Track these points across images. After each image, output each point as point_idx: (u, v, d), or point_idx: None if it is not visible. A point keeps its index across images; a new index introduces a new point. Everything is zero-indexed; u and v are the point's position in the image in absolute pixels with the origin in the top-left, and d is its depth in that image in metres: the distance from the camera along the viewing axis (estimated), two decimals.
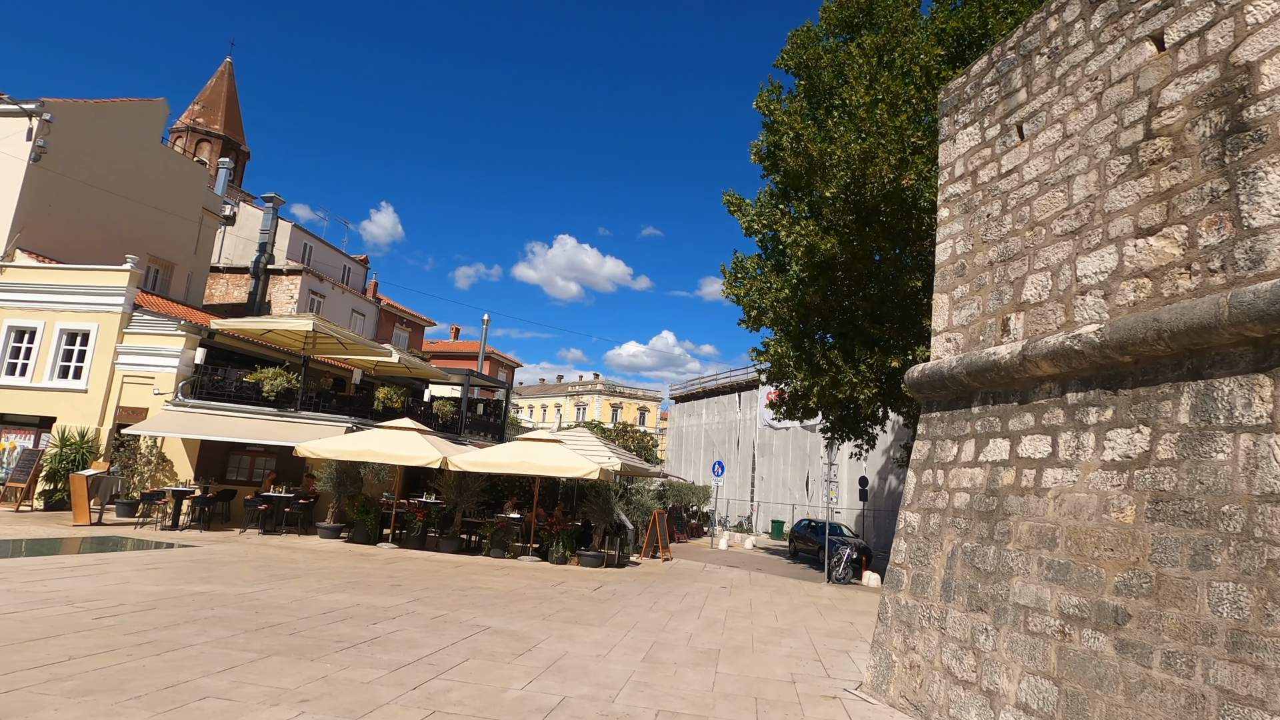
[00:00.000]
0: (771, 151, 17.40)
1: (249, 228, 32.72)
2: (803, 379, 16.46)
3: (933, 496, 6.39)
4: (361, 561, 12.72)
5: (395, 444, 14.75)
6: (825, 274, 15.86)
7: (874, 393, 15.15)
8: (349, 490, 16.41)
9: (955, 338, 6.71)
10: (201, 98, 48.71)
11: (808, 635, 9.27)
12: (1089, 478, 4.77)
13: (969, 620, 5.46)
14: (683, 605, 11.03)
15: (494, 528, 15.27)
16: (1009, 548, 5.28)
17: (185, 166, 25.26)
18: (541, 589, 11.37)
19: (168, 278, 24.76)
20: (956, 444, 6.31)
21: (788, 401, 18.90)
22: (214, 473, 18.51)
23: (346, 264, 36.45)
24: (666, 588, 13.04)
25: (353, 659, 6.03)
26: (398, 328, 39.61)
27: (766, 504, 37.52)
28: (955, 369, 6.27)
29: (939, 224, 7.28)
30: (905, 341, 15.23)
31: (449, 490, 15.57)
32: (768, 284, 17.55)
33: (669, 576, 14.93)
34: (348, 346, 21.55)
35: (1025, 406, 5.59)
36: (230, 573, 10.11)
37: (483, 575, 12.36)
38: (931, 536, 6.22)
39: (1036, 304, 5.73)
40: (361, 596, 9.13)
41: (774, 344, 17.51)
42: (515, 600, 10.00)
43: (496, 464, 14.51)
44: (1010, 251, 6.15)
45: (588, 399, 74.96)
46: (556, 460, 14.40)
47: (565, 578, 13.03)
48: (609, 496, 15.20)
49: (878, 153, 13.09)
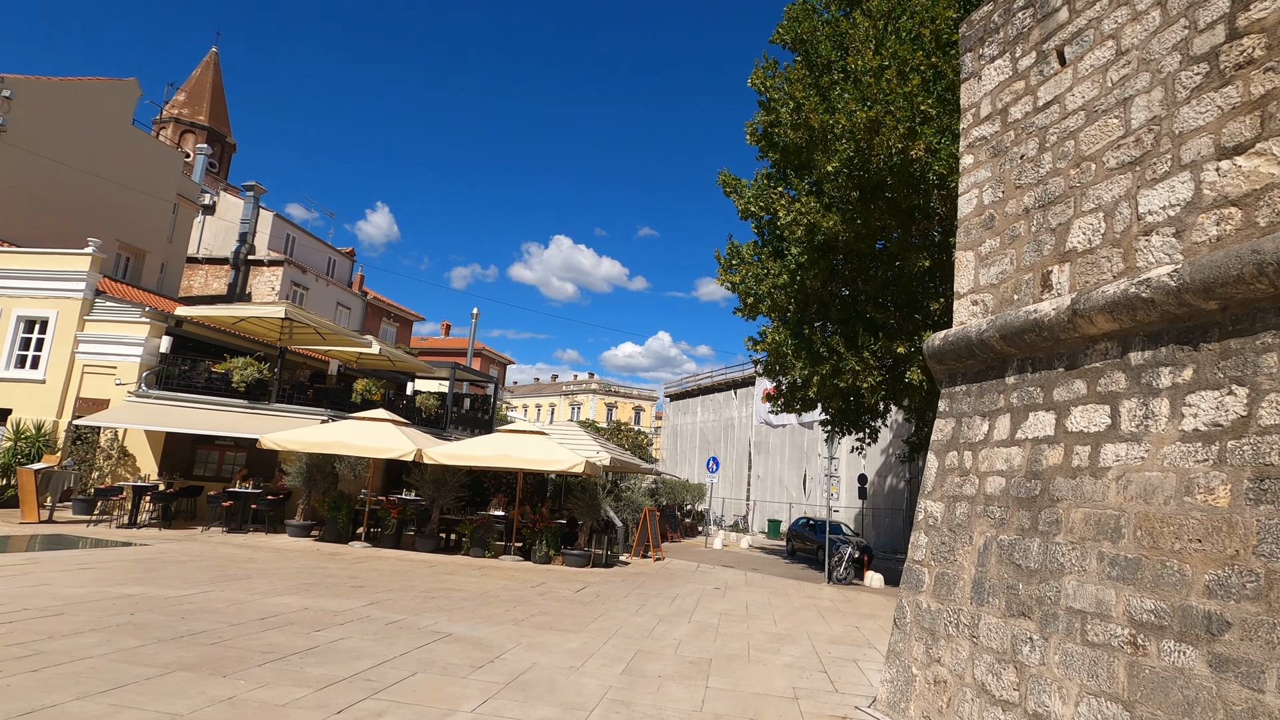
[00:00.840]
0: (768, 131, 16.50)
1: (230, 218, 31.69)
2: (802, 368, 15.56)
3: (959, 482, 5.48)
4: (327, 561, 11.76)
5: (367, 435, 13.80)
6: (826, 256, 14.97)
7: (877, 381, 14.26)
8: (320, 486, 15.44)
9: (983, 299, 5.80)
10: (186, 88, 47.64)
11: (809, 642, 8.35)
12: (1163, 453, 3.87)
13: (1009, 627, 4.55)
14: (672, 608, 10.11)
15: (473, 525, 14.32)
16: (1058, 540, 4.37)
17: (159, 150, 24.24)
18: (519, 590, 10.43)
19: (139, 266, 23.74)
20: (987, 420, 5.40)
21: (785, 393, 17.99)
22: (179, 468, 17.51)
23: (332, 256, 35.43)
24: (656, 589, 12.12)
25: (275, 674, 5.09)
26: (385, 322, 38.61)
27: (763, 502, 36.64)
28: (985, 333, 5.36)
29: (962, 173, 6.37)
30: (911, 326, 14.34)
31: (425, 485, 14.61)
32: (765, 270, 16.66)
33: (659, 577, 14.00)
34: (326, 337, 20.58)
35: (1075, 372, 4.68)
36: (173, 574, 9.15)
37: (456, 576, 11.41)
38: (958, 528, 5.31)
39: (1086, 251, 4.83)
40: (313, 599, 8.18)
41: (771, 332, 16.60)
42: (487, 603, 9.06)
43: (474, 456, 13.56)
44: (1050, 195, 5.25)
45: (582, 398, 74.15)
46: (540, 453, 13.46)
47: (547, 578, 12.10)
48: (596, 492, 14.27)
49: (885, 121, 12.20)
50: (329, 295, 33.71)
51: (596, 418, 68.54)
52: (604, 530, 14.89)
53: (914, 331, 14.21)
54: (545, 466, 13.32)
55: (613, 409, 72.44)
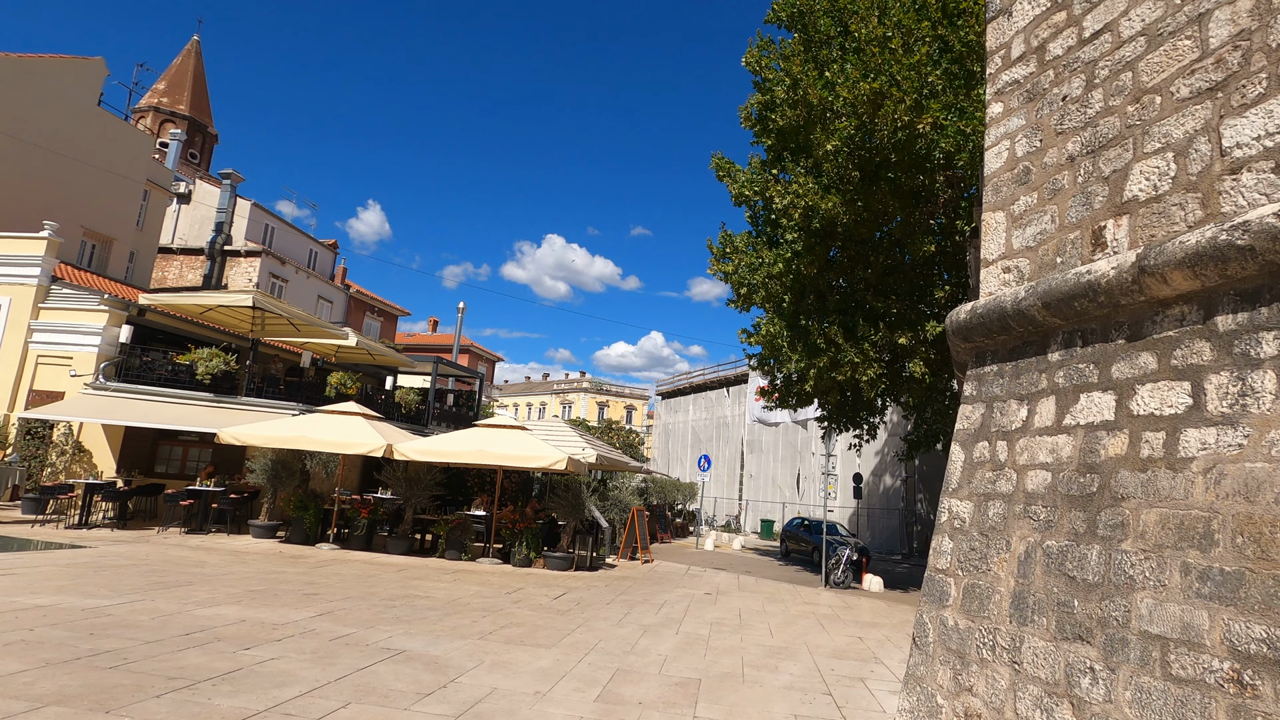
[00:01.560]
0: (763, 114, 15.69)
1: (206, 207, 30.63)
2: (798, 360, 14.75)
3: (991, 478, 4.67)
4: (286, 565, 10.85)
5: (334, 430, 12.88)
6: (824, 242, 14.17)
7: (878, 374, 13.46)
8: (287, 484, 14.50)
9: (1018, 265, 4.99)
10: (166, 77, 46.44)
11: (810, 656, 7.53)
12: (1270, 439, 3.06)
13: (1061, 654, 3.73)
14: (659, 617, 9.26)
15: (449, 526, 13.43)
16: (1125, 548, 3.56)
17: (127, 134, 23.17)
18: (492, 597, 9.56)
19: (105, 254, 22.68)
20: (1025, 405, 4.59)
21: (780, 388, 17.19)
22: (140, 465, 16.53)
23: (313, 248, 34.40)
24: (642, 595, 11.27)
25: (172, 709, 4.22)
26: (369, 316, 37.61)
27: (755, 502, 35.86)
28: (1024, 302, 4.55)
29: (989, 124, 5.56)
30: (914, 315, 13.55)
31: (397, 483, 13.71)
32: (759, 259, 15.85)
33: (647, 581, 13.16)
34: (300, 328, 19.64)
35: (1140, 344, 3.87)
36: (104, 581, 8.23)
37: (426, 580, 10.53)
38: (992, 532, 4.50)
39: (1151, 200, 4.02)
40: (255, 610, 7.29)
41: (766, 323, 15.79)
42: (453, 612, 8.19)
43: (448, 452, 12.67)
44: (1102, 138, 4.44)
45: (574, 397, 73.38)
46: (519, 449, 12.59)
47: (525, 583, 11.23)
48: (580, 491, 13.42)
49: (890, 93, 11.40)
50: (310, 288, 32.70)
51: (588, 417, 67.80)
52: (588, 531, 14.04)
53: (917, 321, 13.44)
54: (524, 463, 12.45)
55: (604, 408, 71.73)
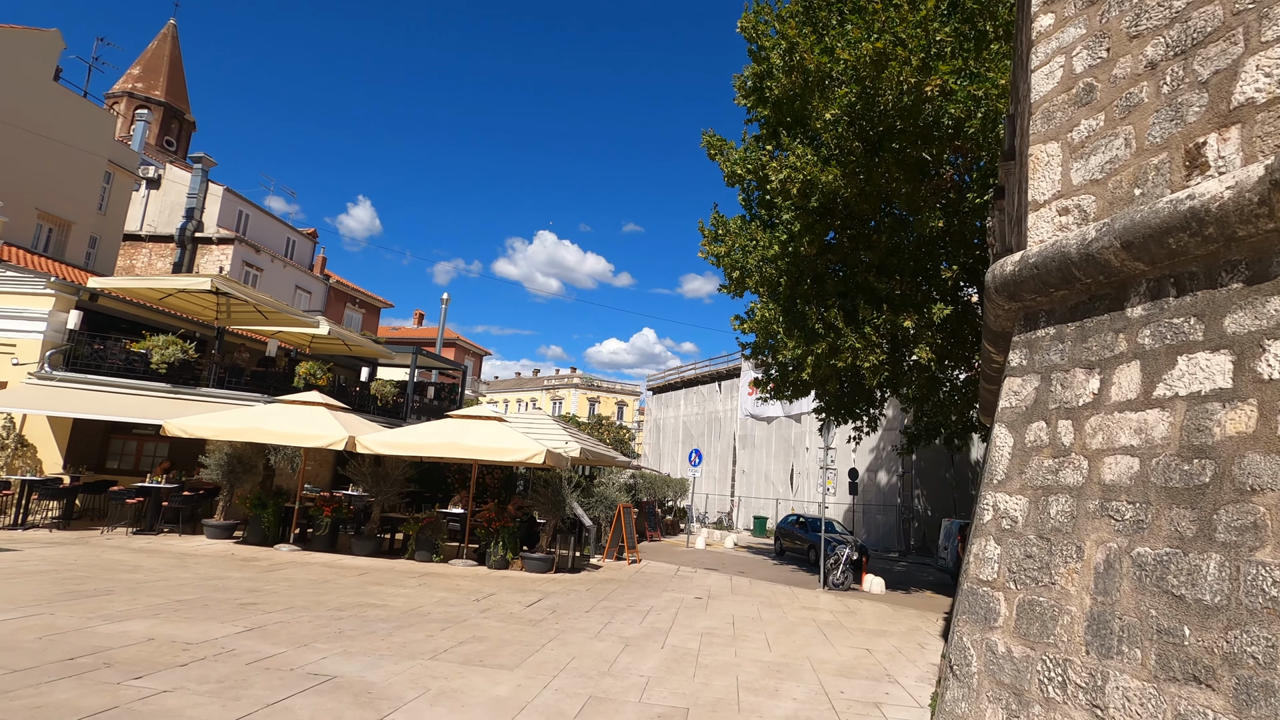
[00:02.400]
0: (758, 85, 14.72)
1: (177, 193, 29.37)
2: (794, 347, 13.80)
3: (1052, 466, 3.73)
4: (234, 568, 9.82)
5: (292, 421, 11.84)
6: (823, 220, 13.22)
7: (880, 360, 12.54)
8: (246, 480, 13.45)
9: (1080, 204, 4.04)
10: (141, 61, 45.03)
11: (814, 675, 6.59)
12: None
13: (1167, 699, 2.80)
14: (643, 627, 8.31)
15: (419, 525, 12.42)
16: (1262, 557, 2.62)
17: (86, 111, 21.91)
18: (457, 605, 8.57)
19: (63, 238, 21.44)
20: (1097, 373, 3.65)
21: (775, 377, 16.26)
22: (89, 460, 15.41)
23: (290, 236, 33.18)
24: (627, 599, 10.31)
25: None
26: (350, 308, 36.42)
27: (748, 499, 35.01)
28: (1096, 244, 3.61)
29: (1035, 41, 4.61)
30: (920, 297, 12.64)
31: (364, 479, 12.69)
32: (753, 241, 14.90)
33: (633, 584, 12.21)
34: (268, 316, 18.53)
35: (1267, 286, 2.93)
36: (6, 591, 7.19)
37: (387, 586, 9.52)
38: (1056, 535, 3.56)
39: (1272, 102, 3.08)
40: (172, 625, 6.27)
41: (760, 308, 14.84)
42: (409, 624, 7.20)
43: (416, 445, 11.65)
44: (1197, 33, 3.50)
45: (564, 393, 72.49)
46: (494, 441, 11.59)
47: (499, 587, 10.25)
48: (561, 487, 12.44)
49: (895, 53, 10.45)
50: (286, 277, 31.50)
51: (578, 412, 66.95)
52: (570, 530, 13.07)
53: (922, 304, 12.52)
54: (499, 456, 11.45)
55: (595, 404, 70.89)
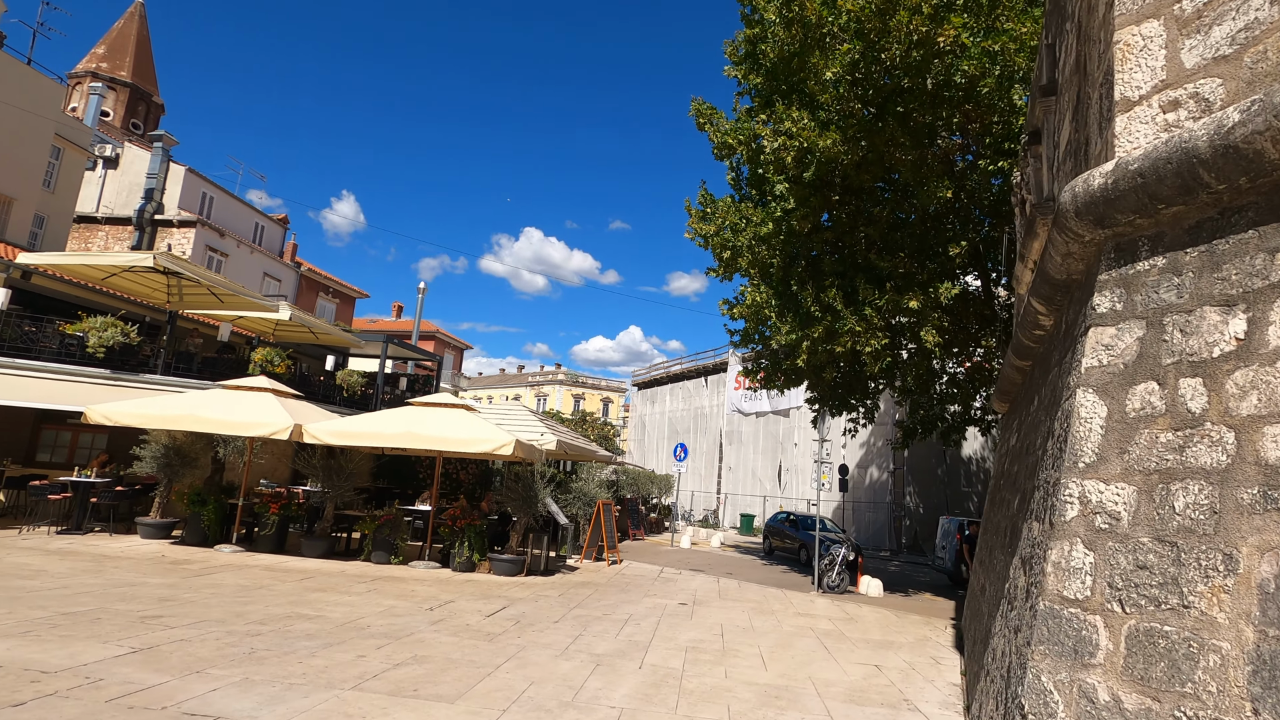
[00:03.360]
0: (751, 51, 13.67)
1: (135, 172, 27.83)
2: (788, 332, 12.78)
3: (1174, 442, 2.70)
4: (156, 573, 8.62)
5: (234, 408, 10.62)
6: (820, 193, 12.18)
7: (882, 345, 11.54)
8: (186, 474, 12.20)
9: (1199, 91, 3.00)
10: (106, 41, 43.26)
11: (820, 702, 5.54)
12: None
13: None
14: (619, 641, 7.23)
15: (375, 524, 11.26)
16: None
17: (29, 79, 20.39)
18: (406, 616, 7.44)
19: (4, 216, 19.94)
20: (1243, 312, 2.62)
21: (766, 366, 15.23)
22: (16, 452, 14.08)
23: (259, 221, 31.68)
24: (603, 607, 9.23)
25: None
26: (323, 298, 34.94)
27: (735, 496, 34.04)
28: (1242, 129, 2.58)
29: None
30: (925, 276, 11.64)
31: (315, 472, 11.49)
32: (744, 219, 13.86)
33: (611, 587, 11.13)
34: (224, 299, 17.23)
35: None
36: None
37: (330, 593, 8.37)
38: (1188, 538, 2.53)
39: None
40: (38, 647, 5.10)
41: (751, 291, 13.80)
42: (338, 642, 6.06)
43: (371, 434, 10.48)
44: None
45: (549, 389, 71.37)
46: (458, 431, 10.45)
47: (459, 593, 9.12)
48: (533, 482, 11.33)
49: (903, 1, 9.42)
50: (254, 264, 30.03)
51: (563, 409, 65.86)
52: (544, 529, 11.96)
53: (928, 283, 11.53)
54: (463, 447, 10.31)
55: (580, 400, 69.85)
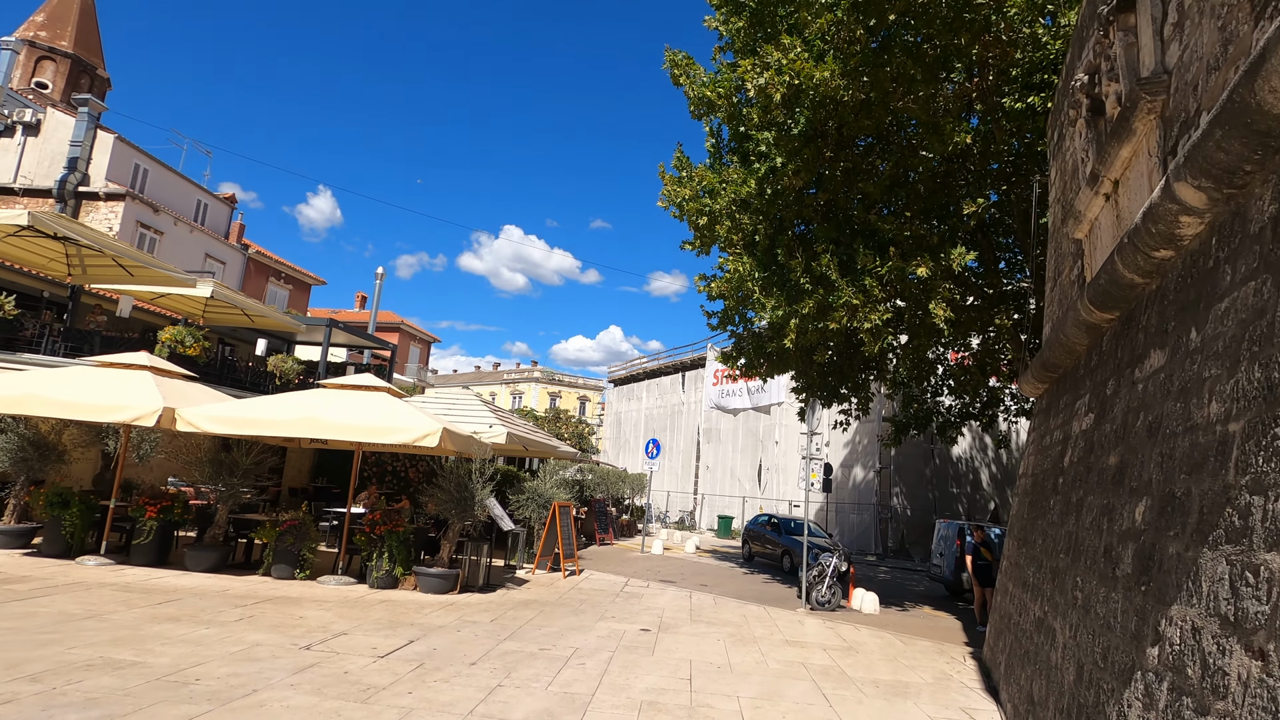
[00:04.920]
0: None
1: (59, 140, 25.33)
2: (774, 307, 10.99)
3: None
4: None
5: (89, 389, 8.55)
6: (813, 145, 10.39)
7: (885, 319, 9.79)
8: (48, 471, 10.09)
9: None
10: (46, 8, 40.26)
11: None
12: None
13: None
14: (549, 697, 5.36)
15: (276, 530, 9.25)
16: None
17: None
18: (265, 661, 5.49)
19: None
20: None
21: (748, 350, 13.45)
22: None
23: (201, 199, 29.24)
24: (542, 638, 7.35)
25: None
26: (273, 283, 32.52)
27: (712, 496, 32.28)
28: None
29: None
30: (935, 239, 9.91)
31: (200, 468, 9.44)
32: (723, 180, 12.06)
33: (561, 607, 9.25)
34: (133, 272, 15.05)
35: None
36: None
37: (181, 624, 6.38)
38: None
39: None
40: None
41: (732, 261, 12.00)
42: (123, 715, 4.11)
43: (259, 421, 8.47)
44: None
45: (524, 387, 69.38)
46: (369, 418, 8.49)
47: (360, 622, 7.17)
48: (468, 481, 9.40)
49: None
50: (194, 244, 27.61)
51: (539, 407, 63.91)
52: (484, 536, 10.05)
53: (939, 248, 9.81)
54: (375, 437, 8.35)
55: (556, 398, 67.96)
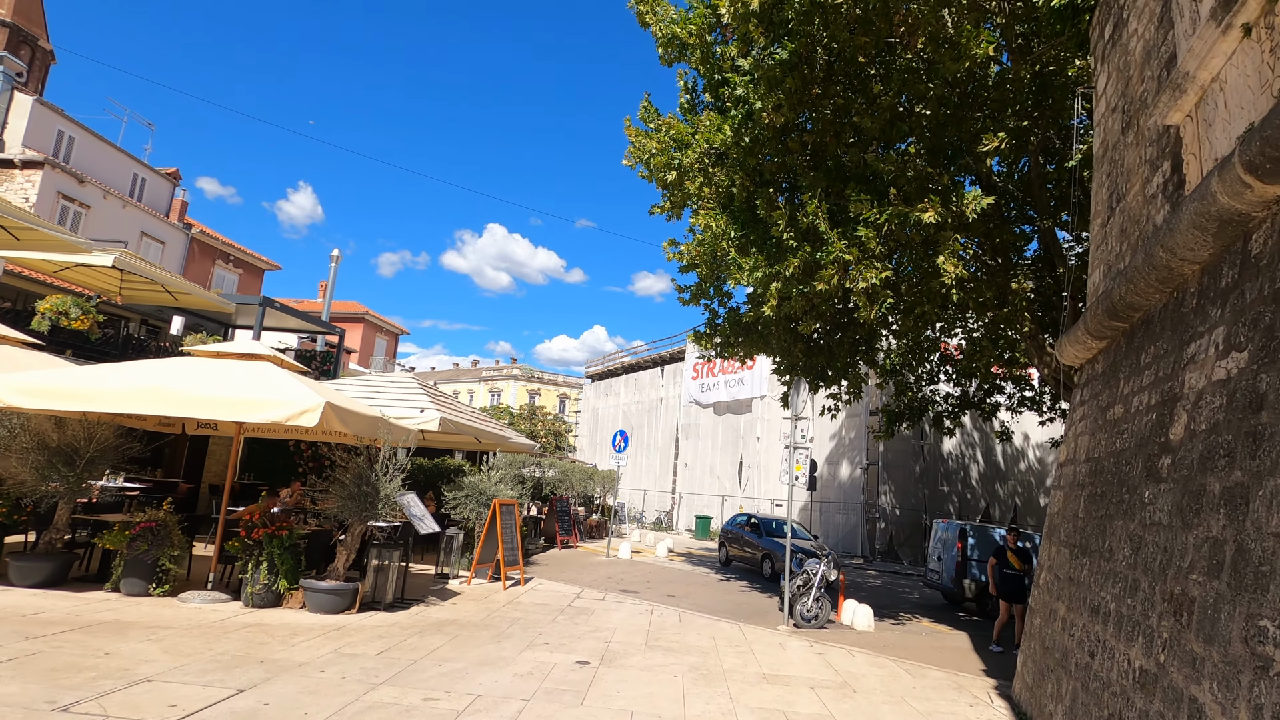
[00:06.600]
0: None
1: None
2: (753, 269, 9.26)
3: None
4: None
5: None
6: (797, 73, 8.64)
7: (884, 278, 8.07)
8: None
9: None
10: None
11: None
12: None
13: None
14: None
15: (128, 535, 7.34)
16: None
17: None
18: None
19: None
20: None
21: (724, 326, 11.71)
22: None
23: (139, 172, 26.96)
24: (436, 678, 5.54)
25: None
26: (221, 266, 30.26)
27: (690, 495, 30.56)
28: None
29: None
30: (946, 181, 8.21)
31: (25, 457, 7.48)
32: (694, 129, 10.32)
33: (483, 631, 7.43)
34: (19, 237, 12.99)
35: None
36: None
37: None
38: None
39: None
40: None
41: (705, 217, 10.24)
42: None
43: (90, 394, 6.56)
44: None
45: (503, 384, 67.59)
46: (232, 390, 6.62)
47: (193, 657, 5.32)
48: (369, 474, 7.56)
49: None
50: (129, 220, 25.34)
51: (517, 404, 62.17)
52: (394, 541, 8.21)
53: (948, 193, 8.12)
54: (233, 413, 6.48)
55: (535, 396, 66.23)
